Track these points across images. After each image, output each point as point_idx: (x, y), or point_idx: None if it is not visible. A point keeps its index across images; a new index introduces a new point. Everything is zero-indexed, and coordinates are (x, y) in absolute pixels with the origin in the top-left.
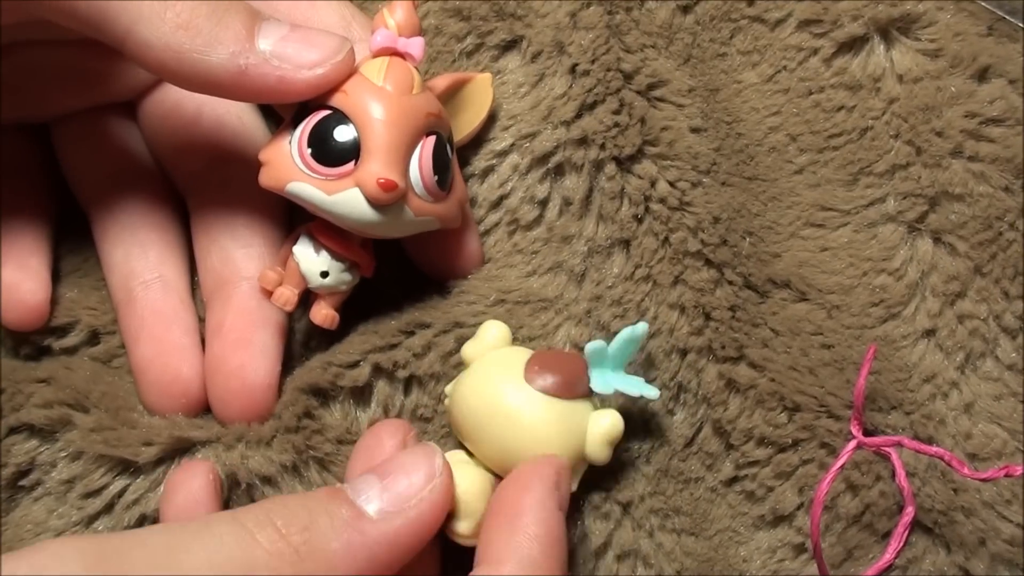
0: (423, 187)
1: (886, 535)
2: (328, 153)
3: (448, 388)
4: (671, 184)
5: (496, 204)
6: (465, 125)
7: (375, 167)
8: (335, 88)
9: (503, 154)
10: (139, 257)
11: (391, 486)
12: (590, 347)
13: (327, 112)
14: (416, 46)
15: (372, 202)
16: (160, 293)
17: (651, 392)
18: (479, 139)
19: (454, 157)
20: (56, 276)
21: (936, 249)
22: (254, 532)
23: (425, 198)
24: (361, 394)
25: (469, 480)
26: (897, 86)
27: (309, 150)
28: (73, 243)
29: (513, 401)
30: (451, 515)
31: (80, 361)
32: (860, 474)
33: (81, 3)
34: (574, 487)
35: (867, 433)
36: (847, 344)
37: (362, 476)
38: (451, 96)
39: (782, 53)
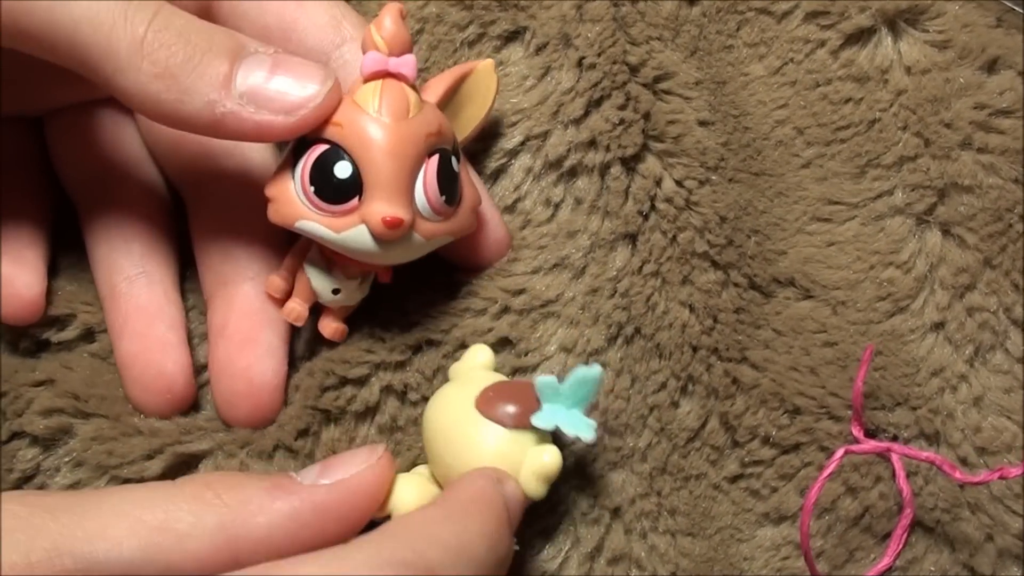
0: (430, 210)
1: (886, 536)
2: (330, 190)
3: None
4: (678, 183)
5: (511, 208)
6: (470, 120)
7: (379, 206)
8: (328, 119)
9: (514, 153)
10: (123, 252)
11: (329, 467)
12: (540, 380)
13: (325, 147)
14: (408, 66)
15: (380, 239)
16: (144, 288)
17: (587, 435)
18: (485, 136)
19: (462, 164)
20: (55, 269)
21: (945, 241)
22: (183, 484)
23: (434, 219)
24: (367, 412)
25: (418, 493)
26: (905, 78)
27: (312, 187)
28: (73, 236)
29: (460, 423)
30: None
31: (79, 358)
32: (859, 476)
33: (64, 49)
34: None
35: (869, 433)
36: (852, 341)
37: (309, 466)
38: (453, 94)
39: (789, 45)
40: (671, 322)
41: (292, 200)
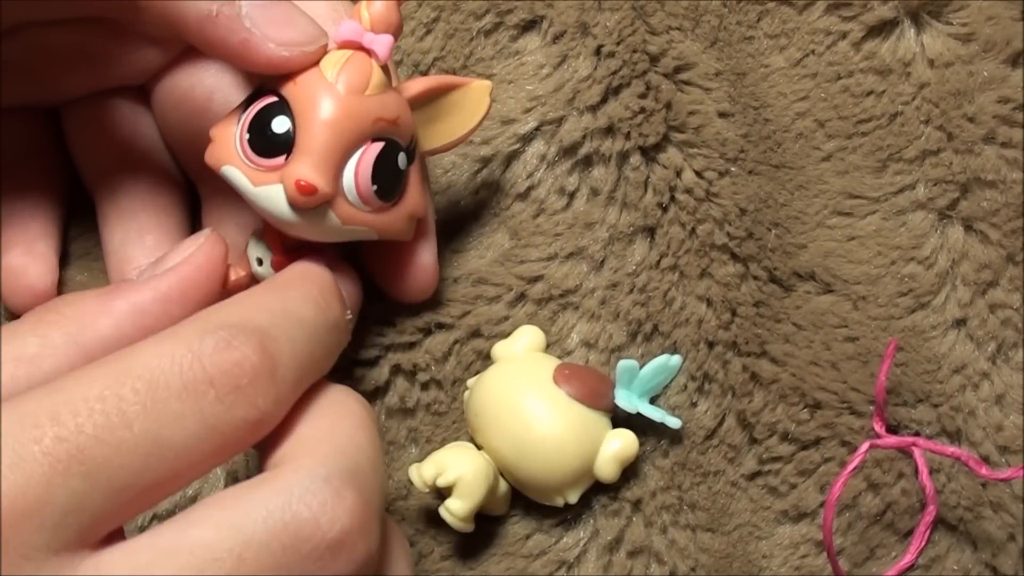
0: (356, 195)
1: (908, 534)
2: (263, 143)
3: (470, 382)
4: (698, 174)
5: (524, 195)
6: (446, 132)
7: (300, 168)
8: (290, 76)
9: (528, 139)
10: (136, 243)
11: (161, 261)
12: (622, 364)
13: (272, 99)
14: (382, 44)
15: (290, 203)
16: None
17: (673, 422)
18: (499, 119)
19: (415, 167)
20: (67, 259)
21: (967, 237)
22: (27, 315)
23: (359, 206)
24: (377, 391)
25: (469, 461)
26: (928, 71)
27: (247, 136)
28: (86, 225)
29: (537, 398)
30: (447, 493)
31: None
32: (882, 472)
33: None
34: (573, 500)
35: (890, 429)
36: (872, 336)
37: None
38: (433, 99)
39: (810, 37)
40: (687, 318)
41: (228, 144)
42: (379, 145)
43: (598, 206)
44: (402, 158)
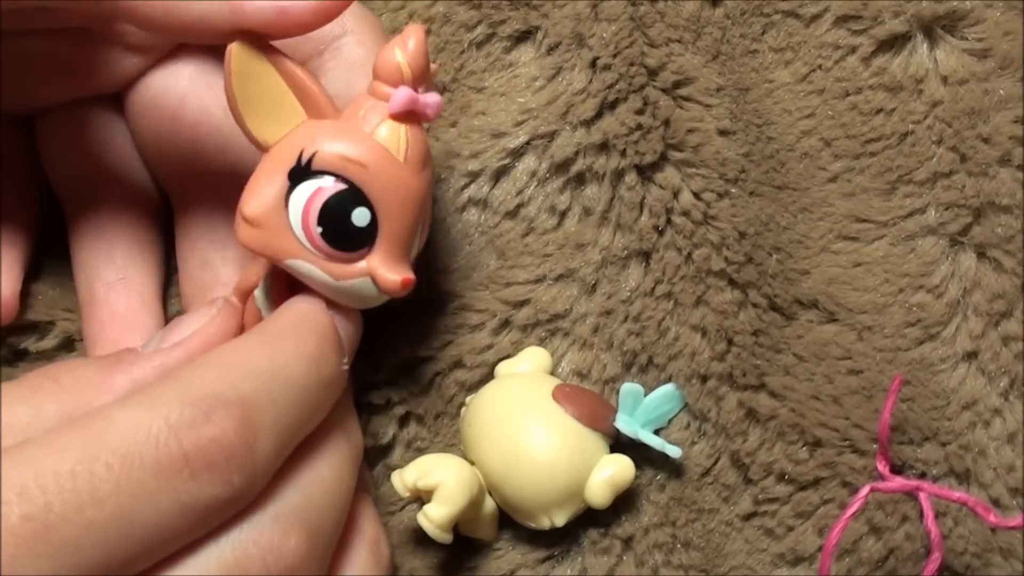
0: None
1: None
2: (343, 237)
3: (468, 399)
4: (696, 195)
5: (513, 213)
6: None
7: (394, 267)
8: (350, 157)
9: (518, 154)
10: (105, 257)
11: (170, 330)
12: (627, 387)
13: (342, 187)
14: (435, 107)
15: (388, 294)
16: (122, 295)
17: (673, 450)
18: (489, 133)
19: None
20: (38, 272)
21: (980, 264)
22: (22, 379)
23: None
24: None
25: (454, 467)
26: (941, 88)
27: (319, 229)
28: (58, 239)
29: (533, 412)
30: (426, 498)
31: None
32: (884, 515)
33: None
34: (560, 522)
35: (895, 468)
36: (878, 369)
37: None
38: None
39: (817, 51)
40: (680, 350)
41: (286, 234)
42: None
43: (590, 227)
44: (360, 211)
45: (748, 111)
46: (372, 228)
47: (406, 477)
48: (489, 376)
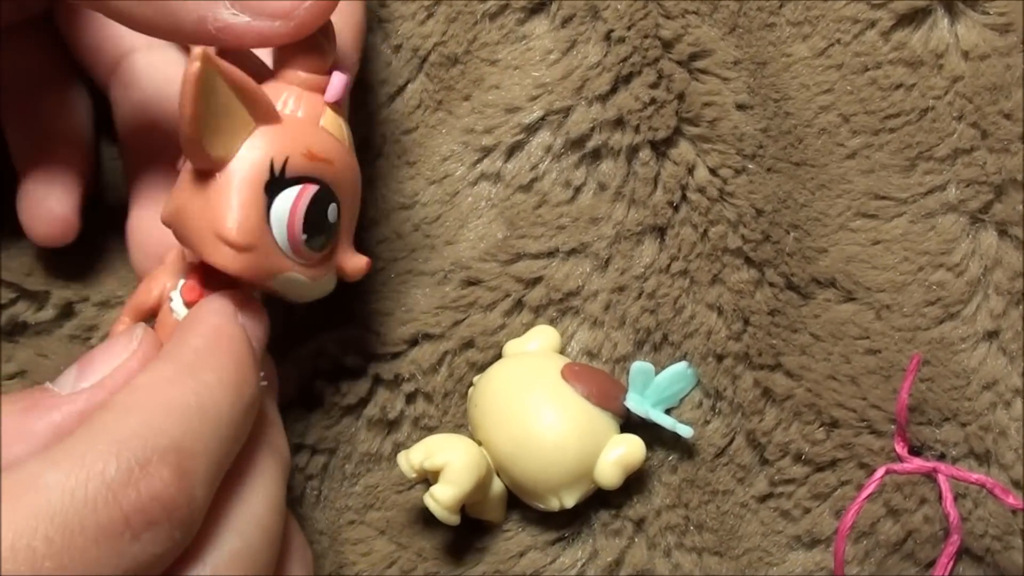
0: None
1: (930, 565)
2: (321, 237)
3: (476, 378)
4: (712, 171)
5: (526, 187)
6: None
7: (355, 254)
8: (317, 156)
9: (532, 129)
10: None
11: (86, 366)
12: (637, 366)
13: (315, 188)
14: (347, 86)
15: (355, 279)
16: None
17: (685, 430)
18: (503, 107)
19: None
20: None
21: (1001, 242)
22: None
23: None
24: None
25: (461, 448)
26: (962, 63)
27: (304, 236)
28: None
29: (542, 391)
30: (433, 479)
31: (55, 344)
32: (902, 497)
33: None
34: (569, 503)
35: (913, 450)
36: (896, 348)
37: (66, 371)
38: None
39: (836, 25)
40: (696, 328)
41: (274, 250)
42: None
43: (605, 201)
44: (332, 208)
45: (765, 85)
46: (336, 221)
47: (412, 458)
48: (499, 357)
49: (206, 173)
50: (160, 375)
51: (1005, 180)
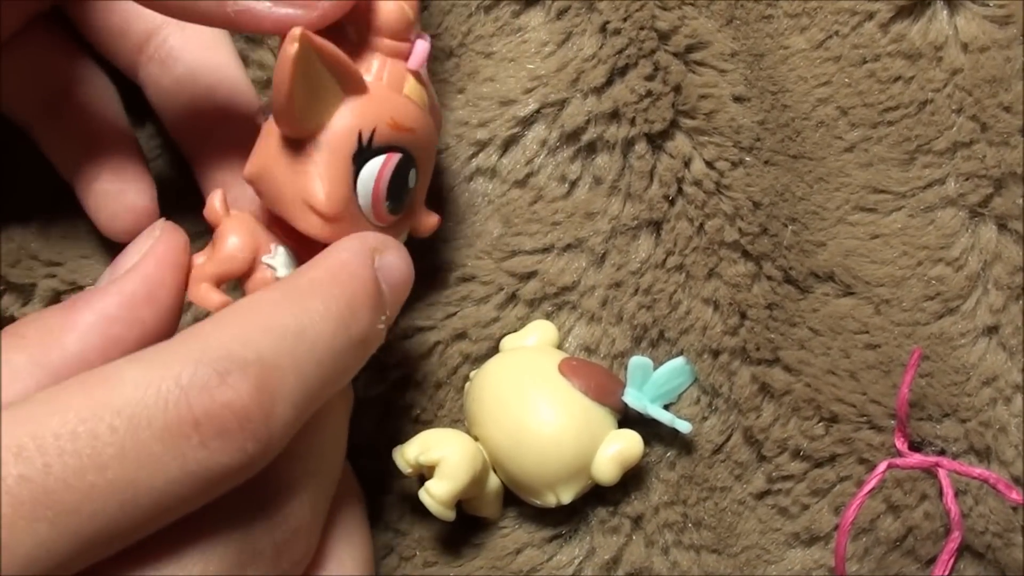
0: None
1: (931, 562)
2: (400, 202)
3: (472, 373)
4: (708, 164)
5: (522, 182)
6: None
7: (429, 214)
8: (401, 125)
9: (527, 122)
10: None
11: (116, 264)
12: (635, 361)
13: (399, 156)
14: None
15: (425, 236)
16: None
17: (683, 425)
18: (498, 100)
19: None
20: (24, 218)
21: (1001, 237)
22: None
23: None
24: None
25: (457, 442)
26: (961, 55)
27: (388, 202)
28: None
29: (539, 386)
30: (427, 473)
31: None
32: (903, 493)
33: None
34: (566, 499)
35: (913, 445)
36: (896, 343)
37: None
38: None
39: (834, 17)
40: (692, 323)
41: (359, 218)
42: None
43: (600, 195)
44: (412, 173)
45: (763, 78)
46: (415, 185)
47: (408, 452)
48: (494, 350)
49: (296, 142)
50: (267, 296)
51: (1005, 174)
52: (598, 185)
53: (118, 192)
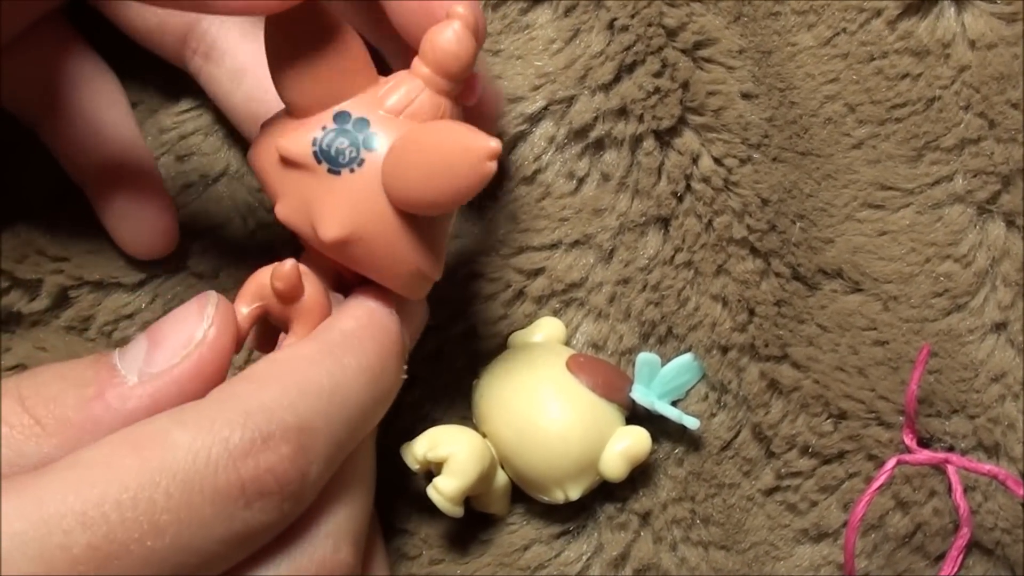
0: None
1: (939, 558)
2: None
3: (480, 370)
4: (717, 161)
5: (530, 179)
6: None
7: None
8: None
9: (535, 119)
10: None
11: (157, 345)
12: (643, 357)
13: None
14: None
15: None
16: None
17: (691, 421)
18: (506, 98)
19: None
20: (30, 212)
21: (1009, 233)
22: None
23: None
24: None
25: (465, 439)
26: (969, 52)
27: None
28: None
29: (547, 383)
30: (435, 470)
31: (54, 336)
32: (912, 489)
33: None
34: (574, 495)
35: (922, 442)
36: (904, 340)
37: (134, 338)
38: None
39: (842, 14)
40: (701, 320)
41: None
42: None
43: (608, 192)
44: None
45: (771, 75)
46: None
47: (416, 449)
48: (502, 347)
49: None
50: (302, 353)
51: (1013, 170)
52: (606, 182)
53: (137, 210)
